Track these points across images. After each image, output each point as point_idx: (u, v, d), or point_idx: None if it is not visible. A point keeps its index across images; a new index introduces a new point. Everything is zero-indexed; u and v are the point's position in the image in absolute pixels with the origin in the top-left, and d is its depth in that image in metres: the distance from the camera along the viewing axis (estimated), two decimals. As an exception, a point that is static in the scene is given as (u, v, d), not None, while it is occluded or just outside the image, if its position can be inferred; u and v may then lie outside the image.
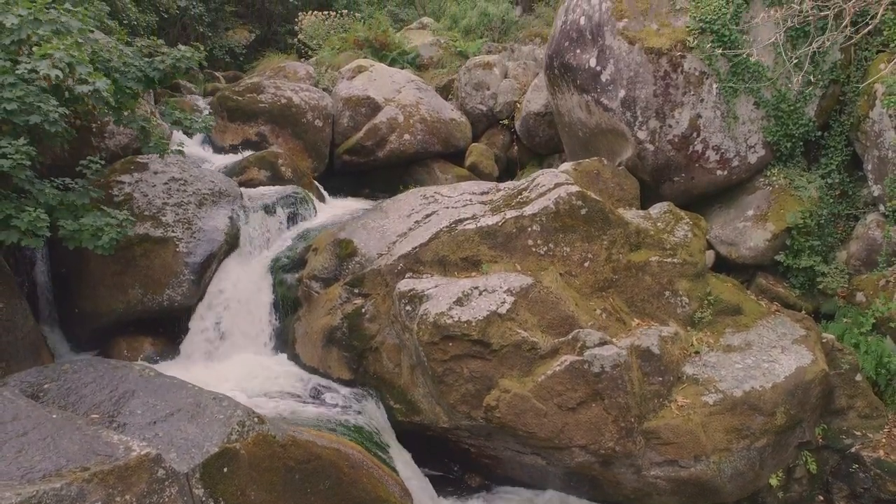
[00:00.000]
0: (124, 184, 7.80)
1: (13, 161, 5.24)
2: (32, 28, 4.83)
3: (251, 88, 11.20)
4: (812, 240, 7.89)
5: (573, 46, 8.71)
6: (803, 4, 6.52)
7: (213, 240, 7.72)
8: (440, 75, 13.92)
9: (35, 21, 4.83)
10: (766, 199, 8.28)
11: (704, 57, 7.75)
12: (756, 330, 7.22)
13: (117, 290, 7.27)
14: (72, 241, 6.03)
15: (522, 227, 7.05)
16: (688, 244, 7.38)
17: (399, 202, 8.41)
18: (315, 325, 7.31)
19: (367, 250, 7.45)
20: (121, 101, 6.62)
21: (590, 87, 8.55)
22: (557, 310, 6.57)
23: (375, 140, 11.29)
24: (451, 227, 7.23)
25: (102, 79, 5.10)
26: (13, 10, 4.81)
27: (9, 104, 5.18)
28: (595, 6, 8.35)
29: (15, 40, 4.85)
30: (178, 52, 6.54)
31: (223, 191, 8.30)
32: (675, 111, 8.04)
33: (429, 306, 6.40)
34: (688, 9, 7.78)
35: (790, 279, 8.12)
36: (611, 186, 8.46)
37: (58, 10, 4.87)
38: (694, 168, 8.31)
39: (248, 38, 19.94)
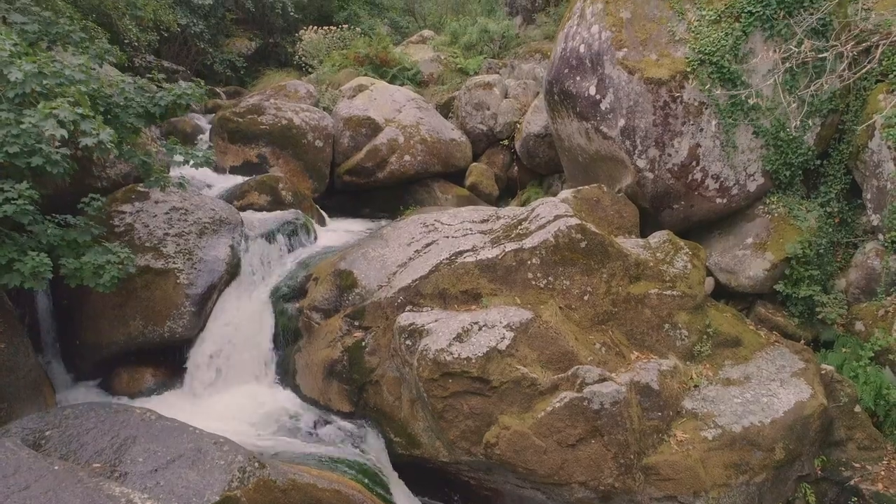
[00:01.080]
0: (125, 213, 7.83)
1: (16, 206, 5.26)
2: (37, 81, 4.86)
3: (252, 110, 11.22)
4: (811, 269, 7.91)
5: (573, 74, 8.73)
6: (801, 46, 6.53)
7: (214, 270, 7.74)
8: (441, 92, 13.96)
9: (39, 74, 4.86)
10: (765, 227, 8.30)
11: (704, 88, 7.77)
12: (755, 362, 7.24)
13: (118, 322, 7.30)
14: (73, 279, 6.06)
15: (522, 261, 7.08)
16: (687, 276, 7.41)
17: (399, 230, 8.43)
18: (316, 357, 7.34)
19: (367, 282, 7.47)
20: (122, 136, 6.65)
21: (589, 115, 8.57)
22: (557, 345, 6.59)
23: (376, 161, 11.31)
24: (451, 259, 7.26)
25: (106, 129, 5.12)
26: (18, 63, 4.84)
27: (11, 147, 5.21)
28: (595, 35, 8.37)
29: (19, 93, 4.88)
30: (180, 89, 6.57)
31: (224, 219, 8.32)
32: (674, 140, 8.06)
33: (429, 342, 6.42)
34: (687, 40, 7.81)
35: (789, 307, 8.14)
36: (610, 214, 8.48)
37: (61, 63, 4.89)
38: (693, 196, 8.33)
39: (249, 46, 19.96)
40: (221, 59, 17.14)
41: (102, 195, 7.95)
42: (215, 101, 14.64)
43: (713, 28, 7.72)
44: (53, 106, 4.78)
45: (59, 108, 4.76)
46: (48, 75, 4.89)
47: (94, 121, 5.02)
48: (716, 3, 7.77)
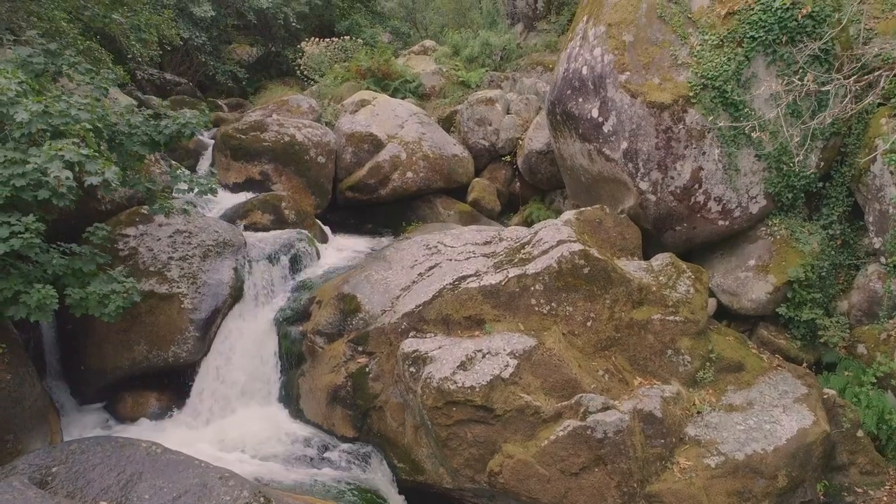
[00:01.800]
0: (129, 237, 7.86)
1: (23, 240, 5.29)
2: (43, 121, 4.89)
3: (254, 126, 11.24)
4: (813, 292, 7.93)
5: (575, 95, 8.76)
6: (804, 79, 6.55)
7: (218, 294, 7.77)
8: (443, 106, 13.98)
9: (45, 114, 4.88)
10: (767, 249, 8.32)
11: (706, 112, 7.79)
12: (758, 387, 7.26)
13: (123, 347, 7.32)
14: (78, 308, 6.09)
15: (525, 287, 7.10)
16: (689, 301, 7.43)
17: (402, 251, 8.46)
18: (319, 382, 7.36)
19: (370, 306, 7.49)
20: (126, 163, 6.68)
21: (592, 137, 8.59)
22: (560, 372, 6.61)
23: (378, 178, 11.34)
24: (455, 284, 7.28)
25: (111, 167, 5.15)
26: (24, 102, 4.86)
27: (18, 181, 5.23)
28: (597, 58, 8.39)
29: (25, 133, 4.90)
30: (184, 118, 6.59)
31: (227, 241, 8.34)
32: (676, 163, 8.08)
33: (432, 370, 6.45)
34: (689, 64, 7.82)
35: (791, 330, 8.16)
36: (613, 235, 8.50)
37: (67, 102, 4.92)
38: (696, 218, 8.35)
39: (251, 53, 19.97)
40: (223, 70, 17.18)
41: (107, 217, 8.01)
42: (217, 115, 14.67)
43: (715, 53, 7.74)
44: (59, 147, 4.80)
45: (65, 150, 4.79)
46: (54, 114, 4.91)
47: (98, 161, 5.05)
48: (718, 27, 7.79)
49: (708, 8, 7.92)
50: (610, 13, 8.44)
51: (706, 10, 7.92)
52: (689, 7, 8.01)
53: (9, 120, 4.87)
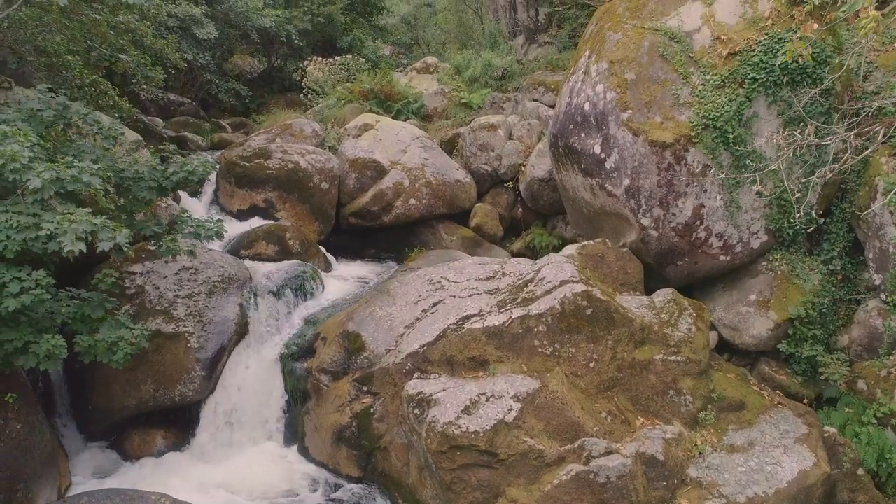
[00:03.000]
0: (136, 274, 7.93)
1: (34, 296, 5.36)
2: (56, 187, 4.97)
3: (258, 153, 11.32)
4: (814, 329, 8.00)
5: (577, 130, 8.82)
6: (805, 131, 6.63)
7: (224, 332, 7.84)
8: (445, 128, 14.04)
9: (57, 181, 4.96)
10: (768, 284, 8.39)
11: (708, 151, 7.86)
12: (759, 426, 7.32)
13: (130, 387, 7.39)
14: (87, 355, 6.16)
15: (528, 328, 7.17)
16: (691, 340, 7.49)
17: (406, 286, 8.52)
18: (325, 422, 7.43)
19: (375, 345, 7.56)
20: (134, 207, 6.76)
21: (594, 172, 8.66)
22: (563, 415, 6.68)
23: (381, 205, 11.41)
24: (458, 324, 7.35)
25: (122, 231, 5.22)
26: (37, 168, 4.94)
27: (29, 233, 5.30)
28: (599, 94, 8.46)
29: (38, 199, 4.98)
30: (191, 166, 6.66)
31: (233, 276, 8.42)
32: (678, 201, 8.15)
33: (437, 414, 6.51)
34: (691, 104, 7.89)
35: (792, 365, 8.23)
36: (615, 270, 8.56)
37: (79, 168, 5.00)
38: (697, 253, 8.42)
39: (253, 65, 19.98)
40: (226, 89, 17.25)
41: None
42: (221, 136, 14.76)
43: (717, 93, 7.81)
44: (71, 219, 4.88)
45: (77, 221, 4.86)
46: (67, 180, 4.99)
47: (109, 227, 5.12)
48: (719, 68, 7.86)
49: (709, 48, 7.99)
50: (612, 50, 8.51)
51: (707, 50, 7.99)
52: (691, 46, 8.08)
53: (21, 184, 4.95)
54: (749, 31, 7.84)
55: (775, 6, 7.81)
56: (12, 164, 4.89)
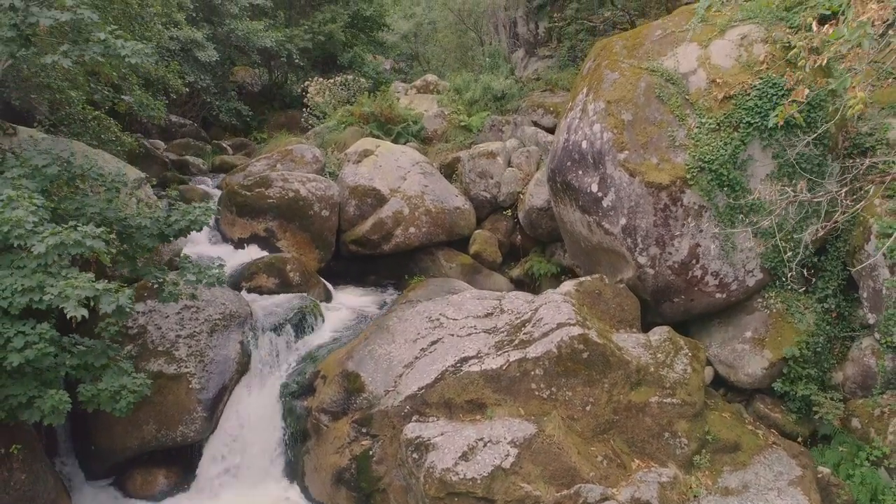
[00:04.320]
0: (138, 314, 8.03)
1: (38, 350, 5.45)
2: (59, 251, 5.07)
3: (259, 182, 11.41)
4: (808, 368, 8.08)
5: (575, 167, 8.91)
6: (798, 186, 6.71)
7: (225, 371, 7.94)
8: (445, 151, 14.11)
9: (61, 245, 5.06)
10: (763, 322, 8.47)
11: (703, 193, 7.95)
12: (753, 468, 7.40)
13: (132, 427, 7.49)
14: (90, 404, 6.25)
15: (525, 372, 7.26)
16: (687, 382, 7.58)
17: (405, 322, 8.61)
18: (324, 462, 7.52)
19: (374, 386, 7.65)
20: (136, 254, 6.86)
21: (591, 210, 8.75)
22: (560, 460, 6.77)
23: (381, 234, 11.50)
24: (456, 367, 7.44)
25: (125, 293, 5.32)
26: (41, 233, 5.04)
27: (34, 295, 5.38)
28: (597, 134, 8.55)
29: (42, 263, 5.08)
30: (193, 215, 6.76)
31: (234, 313, 8.51)
32: (674, 240, 8.24)
33: (435, 459, 6.61)
34: (687, 146, 7.98)
35: (787, 403, 8.30)
36: (612, 307, 8.66)
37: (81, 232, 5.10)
38: (693, 291, 8.50)
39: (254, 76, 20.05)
40: (227, 108, 17.35)
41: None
42: (222, 158, 14.85)
43: (712, 136, 7.89)
44: (74, 284, 4.98)
45: (80, 288, 4.96)
46: (70, 244, 5.09)
47: (112, 293, 5.22)
48: (715, 111, 7.94)
49: (705, 90, 8.07)
50: (609, 90, 8.60)
51: (703, 93, 8.07)
52: (687, 88, 8.17)
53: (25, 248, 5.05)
54: (744, 74, 7.93)
55: (770, 50, 7.89)
56: (17, 229, 4.99)
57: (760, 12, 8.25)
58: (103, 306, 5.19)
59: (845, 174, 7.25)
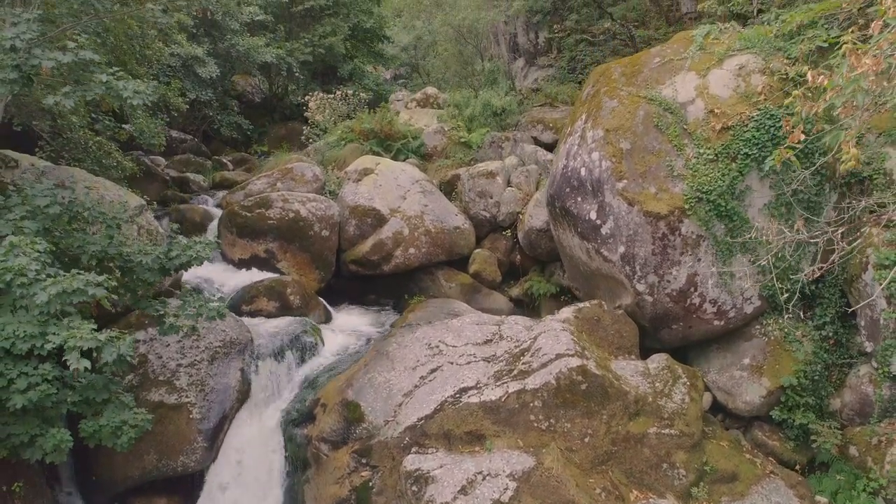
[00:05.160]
0: (139, 342, 8.06)
1: (40, 392, 5.49)
2: (61, 300, 5.12)
3: (260, 203, 11.46)
4: (806, 397, 8.11)
5: (574, 194, 8.96)
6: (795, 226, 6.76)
7: (225, 400, 7.98)
8: (445, 167, 14.15)
9: (63, 294, 5.11)
10: (761, 349, 8.51)
11: (701, 223, 7.99)
12: (751, 498, 7.44)
13: (133, 458, 7.52)
14: (92, 439, 6.29)
15: (525, 403, 7.30)
16: (685, 412, 7.62)
17: (405, 349, 8.64)
18: (324, 492, 7.55)
19: (373, 416, 7.68)
20: (137, 288, 6.90)
21: (590, 237, 8.79)
22: (558, 494, 6.79)
23: (381, 255, 11.54)
24: (456, 398, 7.48)
25: (126, 341, 5.38)
26: (44, 282, 5.09)
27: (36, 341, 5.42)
28: (595, 162, 8.59)
29: (44, 312, 5.13)
30: (193, 250, 6.81)
31: (234, 340, 8.55)
32: (673, 268, 8.28)
33: (434, 493, 6.64)
34: (685, 176, 8.02)
35: (785, 431, 8.33)
36: (611, 333, 8.70)
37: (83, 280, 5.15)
38: (691, 318, 8.54)
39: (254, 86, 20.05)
40: (228, 122, 17.40)
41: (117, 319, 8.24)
42: (222, 175, 14.90)
43: (710, 167, 7.94)
44: (77, 335, 5.03)
45: (83, 340, 5.02)
46: (72, 292, 5.14)
47: (113, 343, 5.27)
48: (713, 142, 7.99)
49: (703, 120, 8.12)
50: (608, 118, 8.64)
51: (701, 123, 8.12)
52: (685, 118, 8.22)
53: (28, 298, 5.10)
54: (742, 105, 7.98)
55: (768, 81, 7.94)
56: (20, 278, 5.04)
57: (758, 42, 8.30)
58: (105, 356, 5.24)
59: (842, 214, 7.29)
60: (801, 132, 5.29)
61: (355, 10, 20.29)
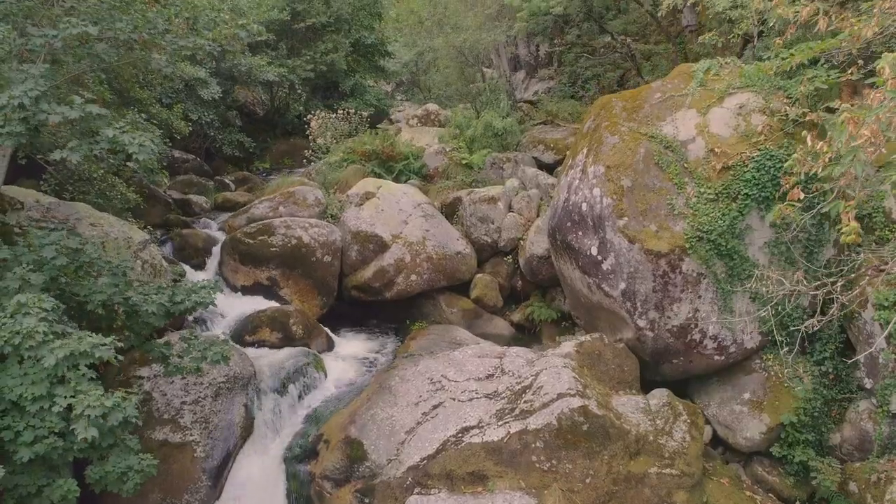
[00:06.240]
0: (143, 379, 8.13)
1: (47, 445, 5.55)
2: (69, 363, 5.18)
3: (262, 230, 11.52)
4: (806, 434, 8.17)
5: (575, 228, 9.01)
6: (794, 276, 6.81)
7: (230, 437, 8.04)
8: (447, 189, 14.21)
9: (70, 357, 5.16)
10: (761, 385, 8.56)
11: (701, 261, 8.04)
12: (751, 538, 7.50)
13: (138, 498, 7.53)
14: (98, 485, 6.32)
15: (526, 444, 7.35)
16: (685, 451, 7.67)
17: (407, 383, 8.70)
18: (327, 532, 7.62)
19: (376, 455, 7.74)
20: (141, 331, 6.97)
21: (591, 272, 8.85)
22: (560, 536, 6.86)
23: (383, 282, 11.60)
24: (458, 437, 7.54)
25: (132, 401, 5.44)
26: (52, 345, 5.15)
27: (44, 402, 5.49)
28: (596, 198, 8.65)
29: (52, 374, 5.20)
30: (198, 296, 6.88)
31: (237, 374, 8.59)
32: (673, 305, 8.34)
33: (437, 536, 6.71)
34: (685, 215, 8.07)
35: (785, 466, 8.39)
36: (612, 368, 8.76)
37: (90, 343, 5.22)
38: (692, 353, 8.60)
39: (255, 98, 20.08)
40: (230, 141, 17.46)
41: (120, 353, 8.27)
42: (225, 196, 14.96)
43: (711, 206, 7.99)
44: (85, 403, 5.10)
45: (90, 409, 5.08)
46: (80, 355, 5.20)
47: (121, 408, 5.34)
48: (713, 181, 8.04)
49: (703, 159, 8.17)
50: (609, 154, 8.69)
51: (702, 162, 8.17)
52: (686, 156, 8.27)
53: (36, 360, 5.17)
54: (742, 145, 8.03)
55: (768, 122, 7.99)
56: (28, 341, 5.11)
57: (758, 80, 8.35)
58: (111, 420, 5.30)
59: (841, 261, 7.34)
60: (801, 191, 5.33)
61: (357, 26, 20.37)
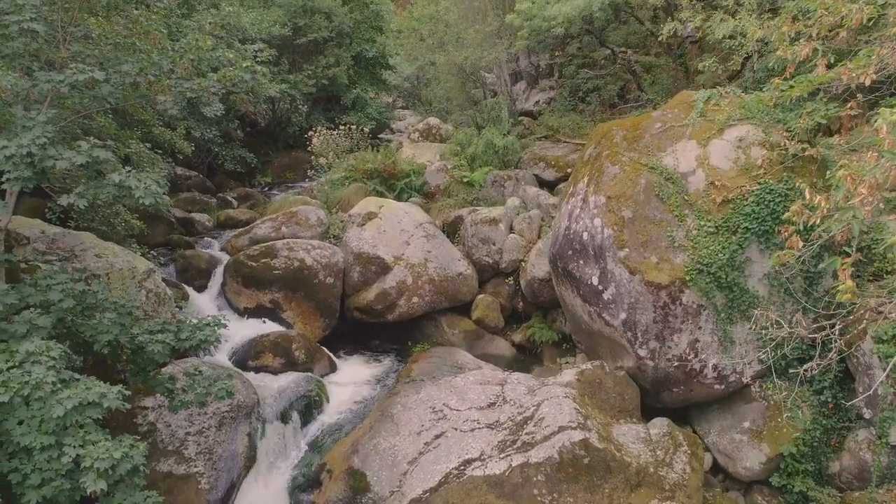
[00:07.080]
0: (147, 410, 8.19)
1: (54, 488, 5.61)
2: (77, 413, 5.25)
3: (265, 252, 11.58)
4: (805, 464, 8.23)
5: (576, 257, 9.07)
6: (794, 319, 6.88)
7: (234, 467, 8.10)
8: (448, 207, 14.28)
9: (79, 407, 5.24)
10: (761, 414, 8.62)
11: (702, 293, 8.10)
12: (751, 570, 7.56)
13: (143, 529, 7.62)
14: (104, 520, 6.38)
15: (528, 478, 7.42)
16: (686, 483, 7.73)
17: (409, 411, 8.77)
18: (330, 563, 7.68)
19: (379, 487, 7.80)
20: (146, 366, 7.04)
21: (592, 301, 8.91)
22: (561, 571, 6.92)
23: (385, 304, 11.66)
24: (460, 470, 7.60)
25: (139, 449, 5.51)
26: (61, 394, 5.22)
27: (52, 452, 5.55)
28: (597, 228, 8.71)
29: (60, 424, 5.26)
30: (203, 334, 6.94)
31: (241, 403, 8.66)
32: (674, 335, 8.40)
33: (439, 572, 6.77)
34: (686, 247, 8.13)
35: (785, 496, 8.44)
36: (612, 396, 8.83)
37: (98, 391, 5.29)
38: (692, 382, 8.66)
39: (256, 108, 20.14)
40: (232, 157, 17.54)
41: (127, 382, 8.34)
42: (227, 213, 15.02)
43: (711, 239, 8.05)
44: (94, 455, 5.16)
45: (98, 461, 5.15)
46: (87, 405, 5.27)
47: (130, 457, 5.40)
48: (713, 214, 8.10)
49: (704, 192, 8.23)
50: (609, 184, 8.76)
51: (702, 194, 8.23)
52: (686, 189, 8.33)
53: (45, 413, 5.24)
54: (742, 178, 8.09)
55: (768, 155, 8.05)
56: (37, 391, 5.18)
57: (758, 112, 8.40)
58: (119, 471, 5.36)
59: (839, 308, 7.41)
60: (800, 239, 5.40)
61: (358, 39, 20.44)
